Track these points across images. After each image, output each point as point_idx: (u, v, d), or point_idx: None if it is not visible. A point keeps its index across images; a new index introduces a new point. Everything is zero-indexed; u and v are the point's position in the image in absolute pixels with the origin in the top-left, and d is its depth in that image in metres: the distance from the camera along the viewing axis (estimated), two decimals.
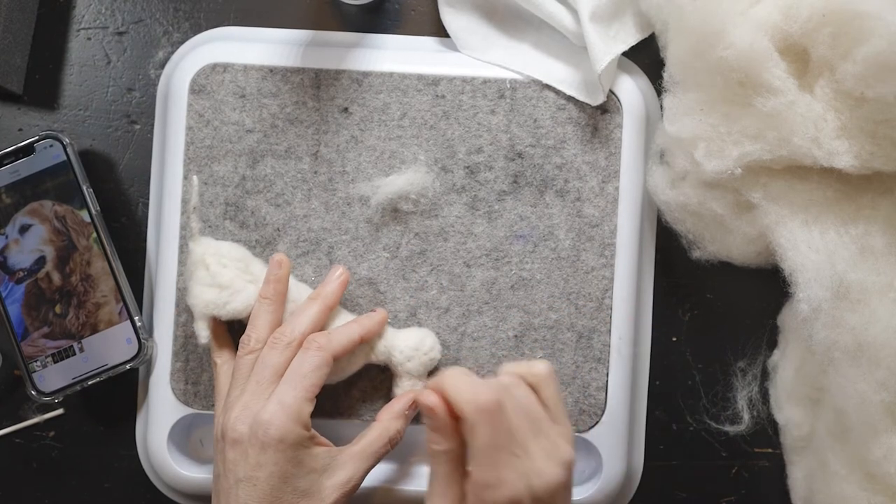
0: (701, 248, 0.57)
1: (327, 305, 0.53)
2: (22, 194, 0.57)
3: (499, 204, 0.57)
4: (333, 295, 0.54)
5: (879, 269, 0.52)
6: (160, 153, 0.59)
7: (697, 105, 0.54)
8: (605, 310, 0.57)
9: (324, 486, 0.50)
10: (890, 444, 0.51)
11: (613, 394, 0.57)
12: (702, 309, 0.60)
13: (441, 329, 0.57)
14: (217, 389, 0.54)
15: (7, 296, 0.56)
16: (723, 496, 0.60)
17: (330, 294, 0.54)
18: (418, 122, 0.57)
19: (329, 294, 0.54)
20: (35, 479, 0.60)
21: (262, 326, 0.52)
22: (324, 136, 0.57)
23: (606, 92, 0.56)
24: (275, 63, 0.57)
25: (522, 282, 0.57)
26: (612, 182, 0.57)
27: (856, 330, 0.51)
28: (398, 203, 0.57)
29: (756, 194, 0.54)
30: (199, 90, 0.57)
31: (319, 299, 0.53)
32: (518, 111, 0.57)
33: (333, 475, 0.50)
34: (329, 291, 0.54)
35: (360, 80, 0.57)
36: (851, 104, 0.51)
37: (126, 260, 0.58)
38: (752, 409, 0.59)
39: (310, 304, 0.53)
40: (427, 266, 0.57)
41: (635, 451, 0.59)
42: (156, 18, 0.60)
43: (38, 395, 0.56)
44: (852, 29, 0.49)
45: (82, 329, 0.56)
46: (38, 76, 0.60)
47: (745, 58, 0.50)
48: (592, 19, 0.55)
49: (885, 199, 0.53)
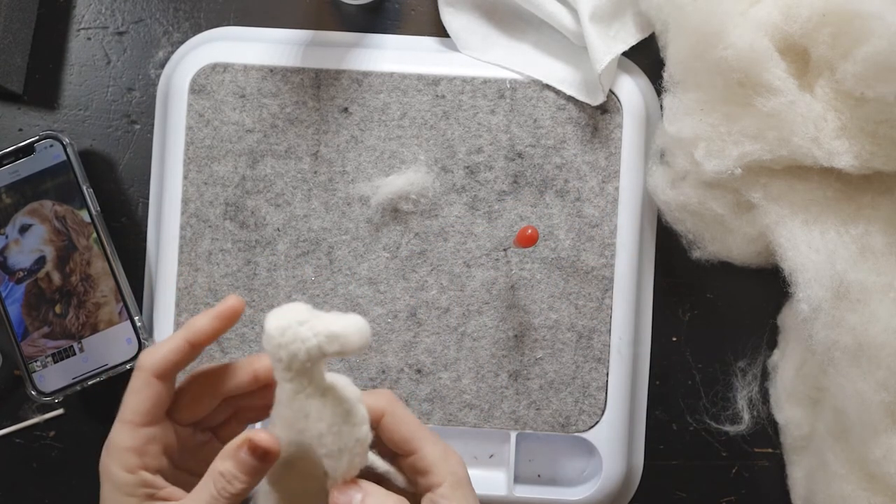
0: (701, 248, 0.57)
1: (186, 337, 0.41)
2: (22, 194, 0.57)
3: (499, 204, 0.57)
4: (199, 325, 0.41)
5: (879, 269, 0.52)
6: (160, 153, 0.59)
7: (697, 105, 0.54)
8: (605, 310, 0.57)
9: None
10: (890, 444, 0.51)
11: (613, 394, 0.57)
12: (702, 309, 0.60)
13: (441, 329, 0.57)
14: None
15: (7, 296, 0.56)
16: (723, 496, 0.60)
17: (194, 324, 0.41)
18: (418, 122, 0.57)
19: (193, 323, 0.41)
20: (35, 479, 0.60)
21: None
22: (324, 136, 0.57)
23: (606, 92, 0.56)
24: (275, 63, 0.57)
25: (522, 282, 0.57)
26: (612, 182, 0.57)
27: (856, 330, 0.51)
28: (398, 203, 0.57)
29: (756, 194, 0.54)
30: (199, 90, 0.57)
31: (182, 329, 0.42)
32: (518, 111, 0.57)
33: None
34: (195, 321, 0.41)
35: (360, 80, 0.57)
36: (851, 104, 0.51)
37: (126, 260, 0.58)
38: (752, 409, 0.59)
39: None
40: (427, 266, 0.57)
41: (635, 451, 0.59)
42: (156, 18, 0.60)
43: (38, 395, 0.56)
44: (852, 29, 0.49)
45: (82, 329, 0.56)
46: (38, 76, 0.60)
47: (745, 58, 0.50)
48: (592, 19, 0.55)
49: (885, 199, 0.53)
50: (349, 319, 0.37)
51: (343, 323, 0.37)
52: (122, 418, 0.40)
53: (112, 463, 0.39)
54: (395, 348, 0.57)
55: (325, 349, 0.36)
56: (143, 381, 0.40)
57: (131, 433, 0.40)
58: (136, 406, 0.40)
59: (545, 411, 0.57)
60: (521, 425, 0.57)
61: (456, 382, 0.57)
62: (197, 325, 0.41)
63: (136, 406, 0.40)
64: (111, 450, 0.40)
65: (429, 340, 0.57)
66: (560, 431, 0.57)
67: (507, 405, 0.57)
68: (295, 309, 0.37)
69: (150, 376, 0.40)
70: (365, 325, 0.37)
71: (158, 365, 0.40)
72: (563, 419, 0.57)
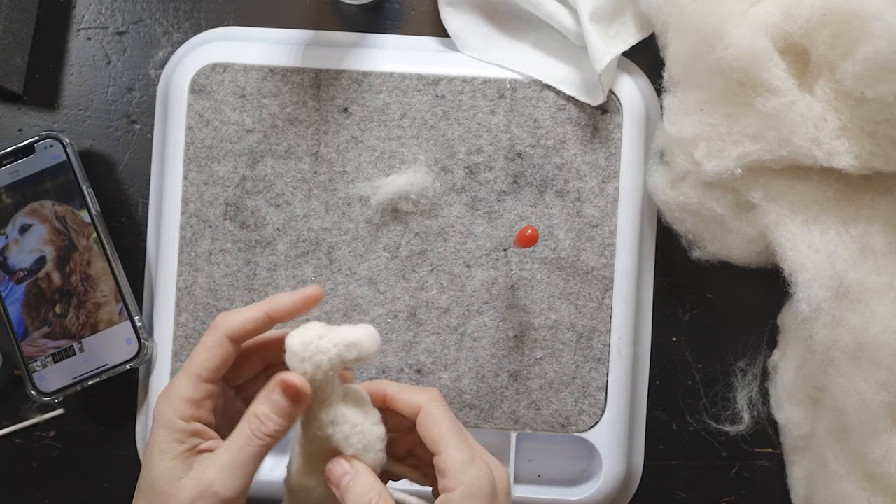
0: (701, 248, 0.57)
1: (266, 311, 0.44)
2: (22, 194, 0.57)
3: (499, 204, 0.57)
4: (281, 302, 0.45)
5: (879, 269, 0.52)
6: (160, 153, 0.59)
7: (697, 105, 0.54)
8: (605, 310, 0.57)
9: (182, 487, 0.41)
10: (890, 444, 0.51)
11: (613, 394, 0.57)
12: (702, 309, 0.60)
13: (441, 329, 0.57)
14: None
15: (7, 296, 0.56)
16: (723, 496, 0.60)
17: (277, 299, 0.45)
18: (418, 122, 0.57)
19: (276, 299, 0.45)
20: (35, 479, 0.60)
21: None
22: (324, 136, 0.57)
23: (606, 92, 0.56)
24: (275, 63, 0.57)
25: (522, 282, 0.57)
26: (612, 182, 0.57)
27: (856, 330, 0.51)
28: (398, 203, 0.57)
29: (756, 194, 0.54)
30: (199, 90, 0.57)
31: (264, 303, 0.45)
32: (518, 111, 0.57)
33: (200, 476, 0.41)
34: (280, 298, 0.45)
35: (360, 80, 0.57)
36: (851, 104, 0.51)
37: (126, 260, 0.58)
38: (752, 409, 0.59)
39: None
40: (427, 266, 0.57)
41: (635, 451, 0.59)
42: (156, 18, 0.60)
43: (38, 395, 0.56)
44: (852, 29, 0.49)
45: (82, 329, 0.56)
46: (38, 76, 0.60)
47: (745, 58, 0.50)
48: (592, 19, 0.55)
49: (885, 199, 0.53)
50: (362, 329, 0.42)
51: (358, 332, 0.42)
52: (188, 370, 0.43)
53: (170, 408, 0.42)
54: (395, 348, 0.57)
55: (345, 356, 0.41)
56: (216, 340, 0.43)
57: (195, 385, 0.43)
58: (205, 362, 0.43)
59: (545, 411, 0.57)
60: (521, 425, 0.57)
61: (456, 382, 0.57)
62: (279, 301, 0.44)
63: (204, 362, 0.43)
64: (172, 397, 0.43)
65: (429, 340, 0.57)
66: (560, 431, 0.57)
67: (507, 405, 0.57)
68: (313, 326, 0.42)
69: (225, 337, 0.43)
70: (376, 333, 0.42)
71: (235, 329, 0.44)
72: (563, 419, 0.57)
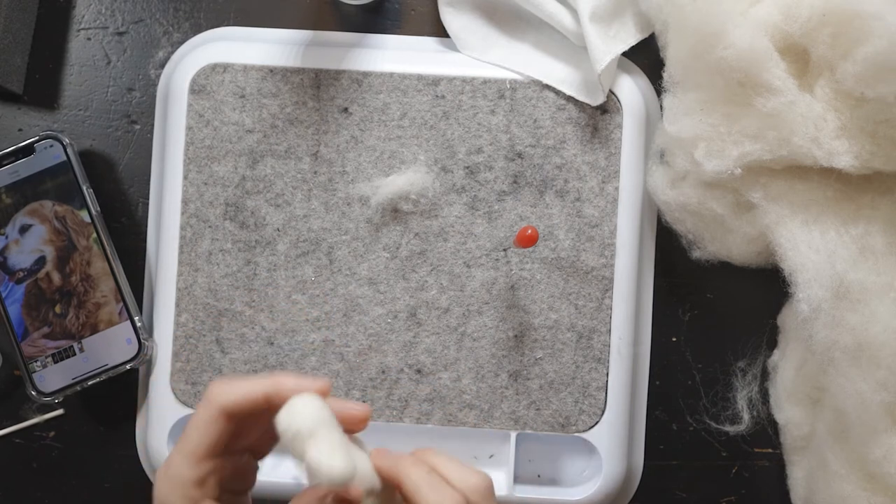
0: (701, 248, 0.57)
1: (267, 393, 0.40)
2: (22, 194, 0.57)
3: (499, 204, 0.57)
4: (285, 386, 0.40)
5: (879, 269, 0.52)
6: (160, 153, 0.59)
7: (697, 105, 0.54)
8: (605, 310, 0.57)
9: None
10: (890, 444, 0.51)
11: (613, 394, 0.57)
12: (702, 309, 0.60)
13: (441, 329, 0.57)
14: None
15: (7, 296, 0.56)
16: (723, 496, 0.60)
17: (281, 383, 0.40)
18: (418, 122, 0.57)
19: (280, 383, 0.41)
20: (35, 479, 0.60)
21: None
22: (324, 136, 0.57)
23: (606, 92, 0.56)
24: (275, 63, 0.57)
25: (522, 282, 0.57)
26: (612, 182, 0.57)
27: (856, 330, 0.51)
28: (398, 203, 0.57)
29: (756, 194, 0.54)
30: (199, 90, 0.57)
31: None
32: (518, 111, 0.57)
33: None
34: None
35: (360, 80, 0.57)
36: (851, 104, 0.51)
37: (126, 260, 0.58)
38: (752, 409, 0.59)
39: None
40: (427, 266, 0.57)
41: (635, 451, 0.59)
42: (156, 18, 0.60)
43: (38, 395, 0.56)
44: (852, 29, 0.49)
45: (82, 329, 0.56)
46: (38, 76, 0.60)
47: (745, 58, 0.50)
48: (592, 19, 0.55)
49: (885, 199, 0.53)
50: (334, 459, 0.36)
51: (327, 461, 0.36)
52: (184, 450, 0.40)
53: (172, 494, 0.40)
54: (395, 348, 0.57)
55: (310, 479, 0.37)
56: (210, 417, 0.40)
57: (195, 466, 0.40)
58: (201, 440, 0.40)
59: (545, 411, 0.57)
60: (521, 425, 0.57)
61: (456, 382, 0.57)
62: (281, 385, 0.40)
63: (200, 439, 0.40)
64: (174, 482, 0.40)
65: (429, 340, 0.57)
66: (560, 431, 0.57)
67: (507, 405, 0.57)
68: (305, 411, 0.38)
69: (220, 414, 0.40)
70: (346, 471, 0.36)
71: (230, 406, 0.40)
72: (563, 419, 0.57)
